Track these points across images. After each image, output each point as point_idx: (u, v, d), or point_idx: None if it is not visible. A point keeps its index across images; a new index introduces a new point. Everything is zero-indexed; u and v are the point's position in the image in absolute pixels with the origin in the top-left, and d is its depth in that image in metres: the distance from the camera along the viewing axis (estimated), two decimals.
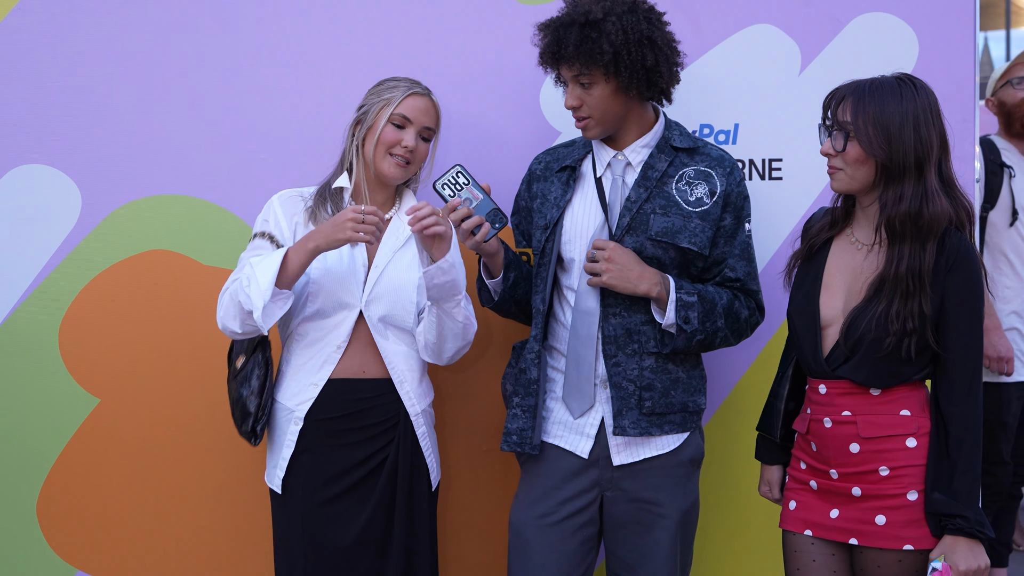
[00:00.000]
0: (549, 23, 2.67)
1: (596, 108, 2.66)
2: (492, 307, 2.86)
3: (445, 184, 2.64)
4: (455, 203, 2.62)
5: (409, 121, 2.74)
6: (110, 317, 3.18)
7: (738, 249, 2.77)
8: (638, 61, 2.60)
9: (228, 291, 2.69)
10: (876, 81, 2.47)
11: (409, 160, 2.75)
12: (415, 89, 2.76)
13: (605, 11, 2.58)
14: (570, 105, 2.68)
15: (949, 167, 2.47)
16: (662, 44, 2.64)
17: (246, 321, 2.65)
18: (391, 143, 2.73)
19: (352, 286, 2.73)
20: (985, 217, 4.10)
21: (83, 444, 3.19)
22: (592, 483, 2.73)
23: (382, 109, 2.73)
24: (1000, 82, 4.28)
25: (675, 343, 2.68)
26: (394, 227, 2.82)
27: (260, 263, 2.62)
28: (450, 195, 2.64)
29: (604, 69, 2.60)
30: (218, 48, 3.18)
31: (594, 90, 2.64)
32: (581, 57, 2.59)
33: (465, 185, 2.64)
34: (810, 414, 2.57)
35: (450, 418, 3.17)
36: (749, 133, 3.18)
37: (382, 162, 2.75)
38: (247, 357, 2.79)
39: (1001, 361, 3.96)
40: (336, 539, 2.71)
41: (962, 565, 2.35)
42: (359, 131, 2.77)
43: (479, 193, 2.64)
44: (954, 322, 2.43)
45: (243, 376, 2.77)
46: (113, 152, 3.17)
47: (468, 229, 2.61)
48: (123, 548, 3.20)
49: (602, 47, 2.56)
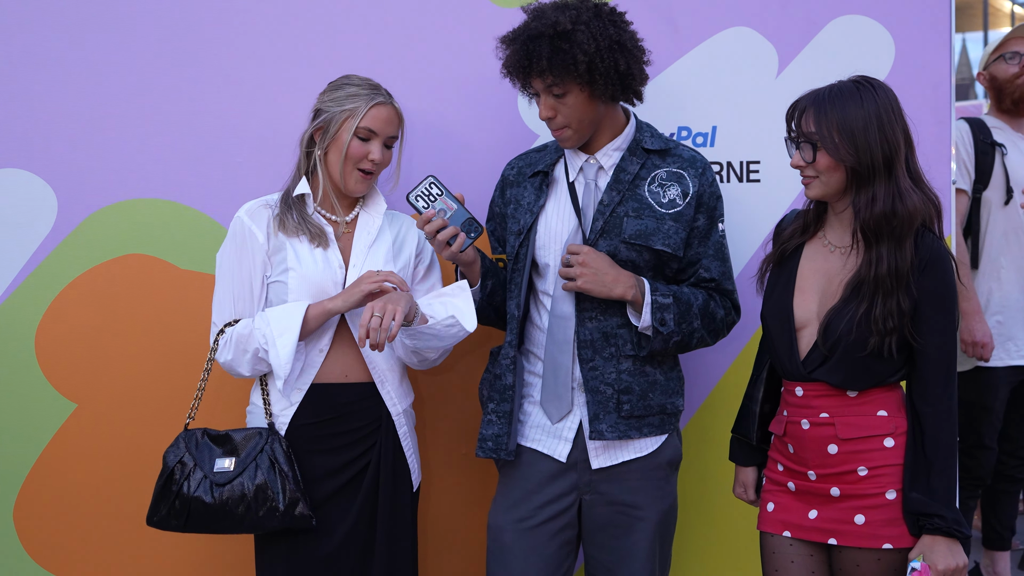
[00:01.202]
0: (515, 36, 2.64)
1: (572, 117, 2.65)
2: None
3: (419, 196, 2.63)
4: (429, 215, 2.61)
5: (374, 133, 2.72)
6: (87, 322, 3.16)
7: (712, 249, 2.77)
8: (611, 68, 2.59)
9: (234, 338, 2.68)
10: (834, 88, 2.48)
11: (373, 172, 2.74)
12: (377, 99, 2.72)
13: (573, 21, 2.56)
14: (545, 116, 2.67)
15: (916, 163, 2.49)
16: (631, 47, 2.64)
17: (257, 366, 2.69)
18: (358, 158, 2.71)
19: (331, 289, 2.72)
20: (978, 198, 4.10)
21: (60, 450, 3.16)
22: (570, 487, 2.73)
23: (346, 121, 2.70)
24: (993, 56, 4.24)
25: (652, 345, 2.68)
26: (363, 222, 2.81)
27: (278, 326, 2.62)
28: (423, 207, 2.63)
29: (579, 79, 2.59)
30: (193, 52, 3.16)
31: (568, 99, 2.63)
32: (555, 69, 2.58)
33: (439, 196, 2.63)
34: (787, 416, 2.58)
35: (430, 421, 3.17)
36: (727, 136, 3.19)
37: (349, 177, 2.72)
38: (248, 455, 2.68)
39: (977, 346, 3.95)
40: (319, 543, 2.70)
41: (941, 564, 2.37)
42: (321, 140, 2.74)
43: (453, 203, 2.63)
44: (928, 322, 2.44)
45: (254, 471, 2.65)
46: (89, 156, 3.15)
47: (443, 240, 2.61)
48: (101, 554, 3.18)
49: (576, 58, 2.55)
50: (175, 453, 2.69)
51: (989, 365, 4.05)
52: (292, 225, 2.71)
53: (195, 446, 2.69)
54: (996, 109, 4.26)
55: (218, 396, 3.07)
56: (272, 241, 2.73)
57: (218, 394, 3.06)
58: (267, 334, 2.62)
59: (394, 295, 2.59)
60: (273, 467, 2.64)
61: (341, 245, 2.77)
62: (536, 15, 2.62)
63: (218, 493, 2.63)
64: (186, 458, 2.67)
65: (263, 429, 2.70)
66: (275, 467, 2.64)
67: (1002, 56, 4.19)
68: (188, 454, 2.68)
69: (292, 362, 2.62)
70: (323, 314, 2.66)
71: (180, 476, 2.66)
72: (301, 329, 2.62)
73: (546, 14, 2.60)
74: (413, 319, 2.61)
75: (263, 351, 2.64)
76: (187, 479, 2.65)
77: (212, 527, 2.66)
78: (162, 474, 2.68)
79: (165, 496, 2.67)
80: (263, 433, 2.69)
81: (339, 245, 2.77)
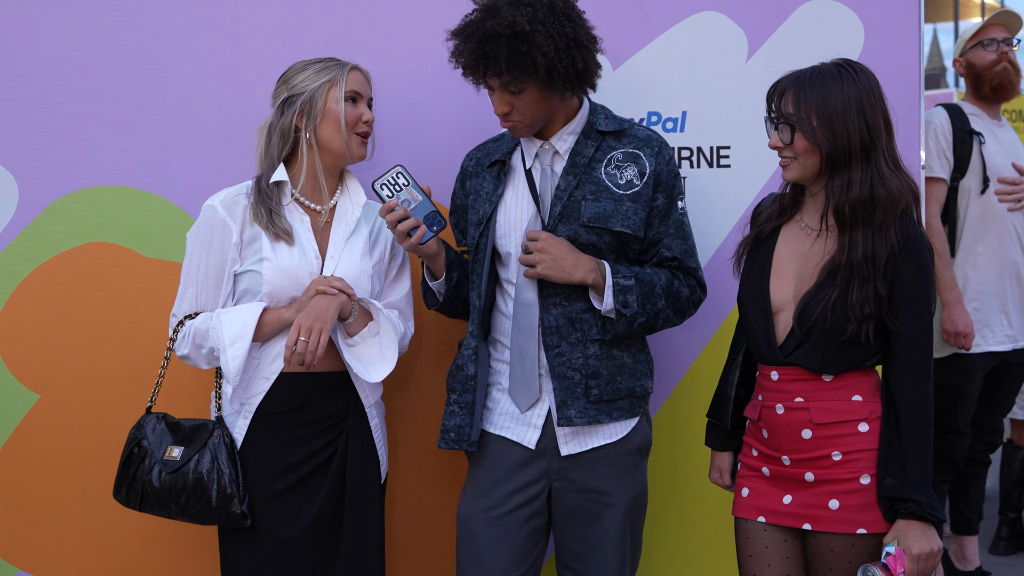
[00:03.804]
0: (468, 31, 2.59)
1: (527, 112, 2.63)
2: (438, 308, 2.85)
3: (384, 184, 2.62)
4: (392, 204, 2.60)
5: (360, 95, 2.74)
6: (50, 311, 3.12)
7: (672, 228, 2.76)
8: (570, 67, 2.57)
9: (192, 332, 2.68)
10: (816, 70, 2.47)
11: (369, 134, 2.75)
12: (349, 64, 2.75)
13: (531, 20, 2.52)
14: (501, 112, 2.64)
15: (895, 149, 2.48)
16: (587, 42, 2.61)
17: (212, 363, 2.71)
18: (354, 121, 2.71)
19: (306, 280, 2.69)
20: (955, 187, 4.11)
21: (23, 441, 3.13)
22: (540, 474, 2.71)
23: (330, 91, 2.70)
24: (970, 43, 4.25)
25: (616, 328, 2.67)
26: (341, 212, 2.79)
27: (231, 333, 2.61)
28: (388, 196, 2.61)
29: (537, 80, 2.57)
30: (156, 37, 3.12)
31: (525, 96, 2.60)
32: (513, 71, 2.54)
33: (405, 186, 2.62)
34: (761, 401, 2.57)
35: (398, 410, 3.15)
36: (697, 121, 3.18)
37: (353, 143, 2.72)
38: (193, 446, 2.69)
39: (959, 336, 3.97)
40: (284, 533, 2.68)
41: (915, 548, 2.36)
42: (307, 122, 2.72)
43: (418, 195, 2.62)
44: (905, 307, 2.44)
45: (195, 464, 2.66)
46: (50, 143, 3.11)
47: (404, 231, 2.60)
48: (66, 547, 3.14)
49: (535, 61, 2.52)
50: (136, 435, 2.73)
51: (965, 352, 4.07)
52: (263, 219, 2.69)
53: (152, 430, 2.73)
54: (973, 96, 4.27)
55: (192, 381, 3.03)
56: (247, 231, 2.70)
57: (192, 379, 3.03)
58: (221, 337, 2.62)
59: (322, 305, 2.59)
60: (213, 462, 2.64)
61: (319, 235, 2.75)
62: (490, 11, 2.56)
63: (165, 480, 2.66)
64: (144, 441, 2.71)
65: (211, 422, 2.70)
66: (215, 462, 2.64)
67: (980, 43, 4.20)
68: (146, 438, 2.71)
69: (242, 370, 2.62)
70: (277, 322, 2.66)
71: (136, 458, 2.71)
72: (255, 335, 2.62)
73: (501, 12, 2.53)
74: (348, 317, 2.65)
75: (218, 351, 2.64)
76: (142, 462, 2.70)
77: (162, 512, 2.71)
78: (123, 453, 2.73)
79: (124, 475, 2.73)
80: (210, 426, 2.69)
81: (316, 236, 2.74)
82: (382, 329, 2.72)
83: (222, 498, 2.63)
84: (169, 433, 2.72)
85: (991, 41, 4.17)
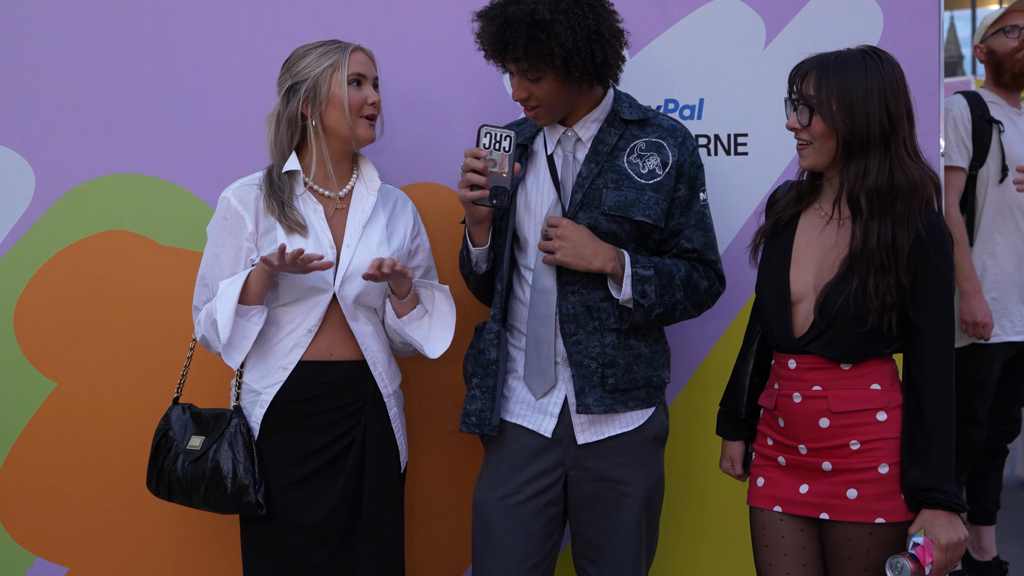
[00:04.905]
0: (491, 14, 2.59)
1: (546, 100, 2.62)
2: (473, 281, 2.83)
3: (489, 133, 2.57)
4: (481, 153, 2.56)
5: (364, 77, 2.72)
6: (66, 299, 3.13)
7: (694, 219, 2.74)
8: (588, 60, 2.56)
9: (204, 312, 2.70)
10: (841, 54, 2.46)
11: (376, 116, 2.73)
12: (351, 46, 2.73)
13: (552, 10, 2.50)
14: (518, 98, 2.64)
15: (914, 139, 2.46)
16: (609, 36, 2.59)
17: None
18: (360, 104, 2.70)
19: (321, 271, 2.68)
20: (974, 175, 4.08)
21: (40, 429, 3.14)
22: (556, 462, 2.71)
23: (333, 75, 2.69)
24: (991, 29, 4.21)
25: (634, 318, 2.66)
26: (358, 198, 2.79)
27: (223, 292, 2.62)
28: (485, 144, 2.57)
29: (554, 70, 2.56)
30: (173, 25, 3.12)
31: (543, 84, 2.59)
32: (530, 58, 2.54)
33: (503, 151, 2.57)
34: (778, 389, 2.56)
35: (416, 398, 3.15)
36: (714, 108, 3.16)
37: (359, 127, 2.71)
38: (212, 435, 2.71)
39: (978, 326, 3.96)
40: (303, 521, 2.69)
41: (943, 538, 2.36)
42: (312, 109, 2.71)
43: (507, 167, 2.58)
44: (926, 296, 2.42)
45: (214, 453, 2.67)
46: (67, 131, 3.11)
47: (470, 182, 2.56)
48: (83, 534, 3.16)
49: (552, 50, 2.51)
50: (163, 426, 2.77)
51: (983, 342, 4.05)
52: (276, 211, 2.68)
53: (177, 420, 2.76)
54: (993, 83, 4.23)
55: (214, 372, 3.04)
56: (262, 222, 2.70)
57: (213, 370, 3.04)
58: (216, 299, 2.64)
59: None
60: (230, 451, 2.65)
61: (334, 223, 2.74)
62: None
63: (187, 469, 2.69)
64: (170, 432, 2.75)
65: (229, 412, 2.71)
66: (232, 451, 2.65)
67: (1002, 30, 4.17)
68: (172, 428, 2.76)
69: (231, 327, 2.60)
70: (264, 275, 2.62)
71: (164, 448, 2.74)
72: (244, 291, 2.61)
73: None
74: (405, 296, 2.68)
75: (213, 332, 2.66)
76: (168, 452, 2.74)
77: (187, 501, 2.73)
78: (152, 444, 2.77)
79: (153, 466, 2.77)
80: (228, 415, 2.70)
81: (330, 223, 2.73)
82: (436, 305, 2.75)
83: (237, 487, 2.63)
84: (193, 423, 2.74)
85: (1012, 28, 4.13)
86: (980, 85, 4.38)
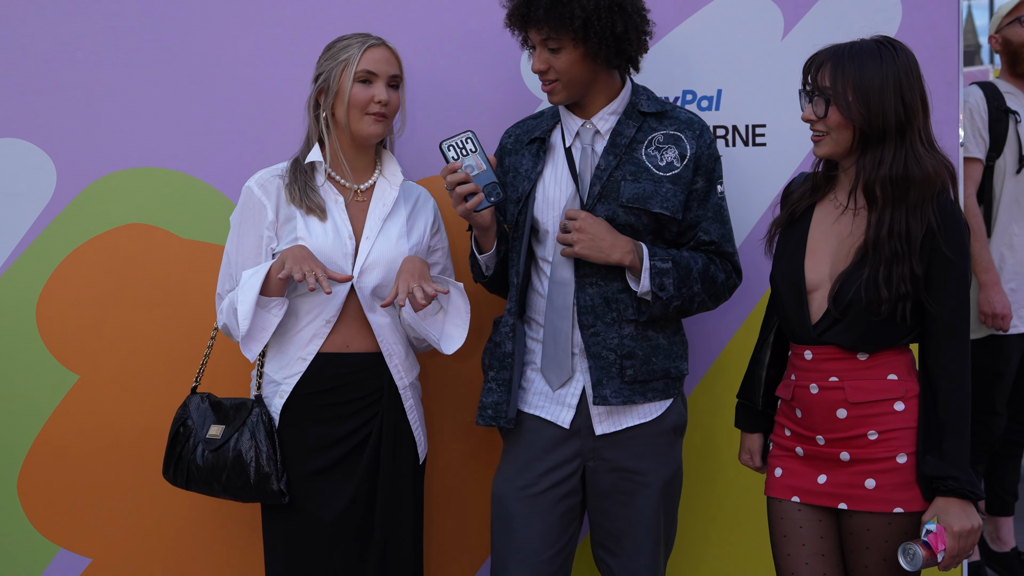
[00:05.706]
0: None
1: (564, 73, 2.63)
2: (484, 283, 2.85)
3: (451, 146, 2.60)
4: (456, 166, 2.58)
5: (374, 75, 2.71)
6: (88, 292, 3.15)
7: (711, 212, 2.75)
8: (607, 28, 2.57)
9: (227, 300, 2.71)
10: (856, 45, 2.45)
11: (385, 114, 2.72)
12: (370, 42, 2.72)
13: None
14: (537, 69, 2.66)
15: (929, 129, 2.46)
16: (632, 11, 2.62)
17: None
18: (363, 102, 2.70)
19: (340, 261, 2.70)
20: (991, 166, 4.07)
21: (63, 421, 3.16)
22: (574, 453, 2.72)
23: (343, 71, 2.70)
24: (1007, 19, 4.18)
25: (652, 310, 2.66)
26: (379, 192, 2.80)
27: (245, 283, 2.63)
28: (453, 157, 2.60)
29: (573, 35, 2.58)
30: (194, 19, 3.13)
31: (562, 55, 2.61)
32: (551, 21, 2.56)
33: (472, 152, 2.60)
34: (795, 380, 2.56)
35: (434, 391, 3.15)
36: (732, 99, 3.15)
37: (359, 124, 2.71)
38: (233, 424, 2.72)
39: (997, 317, 3.95)
40: (321, 513, 2.70)
41: (956, 526, 2.35)
42: (325, 101, 2.73)
43: (483, 163, 2.60)
44: (942, 285, 2.42)
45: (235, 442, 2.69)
46: (88, 125, 3.13)
47: (462, 194, 2.58)
48: (106, 525, 3.18)
49: (573, 12, 2.54)
50: (181, 414, 2.79)
51: (1002, 333, 4.03)
52: (296, 196, 2.70)
53: (196, 409, 2.78)
54: (1009, 73, 4.21)
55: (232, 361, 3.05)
56: (283, 211, 2.72)
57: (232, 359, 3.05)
58: (238, 289, 2.65)
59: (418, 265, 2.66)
60: (252, 440, 2.67)
61: (352, 214, 2.75)
62: None
63: (208, 458, 2.71)
64: (189, 420, 2.77)
65: (250, 401, 2.72)
66: (254, 440, 2.67)
67: (1018, 20, 4.14)
68: (191, 417, 2.77)
69: (251, 318, 2.61)
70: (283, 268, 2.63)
71: (182, 437, 2.76)
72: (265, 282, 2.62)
73: None
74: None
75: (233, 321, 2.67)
76: (187, 441, 2.75)
77: (206, 490, 2.75)
78: (170, 432, 2.78)
79: (171, 454, 2.78)
80: (249, 404, 2.71)
81: (350, 214, 2.74)
82: (451, 302, 2.75)
83: (260, 475, 2.65)
84: (212, 412, 2.76)
85: None
86: (997, 75, 4.36)
